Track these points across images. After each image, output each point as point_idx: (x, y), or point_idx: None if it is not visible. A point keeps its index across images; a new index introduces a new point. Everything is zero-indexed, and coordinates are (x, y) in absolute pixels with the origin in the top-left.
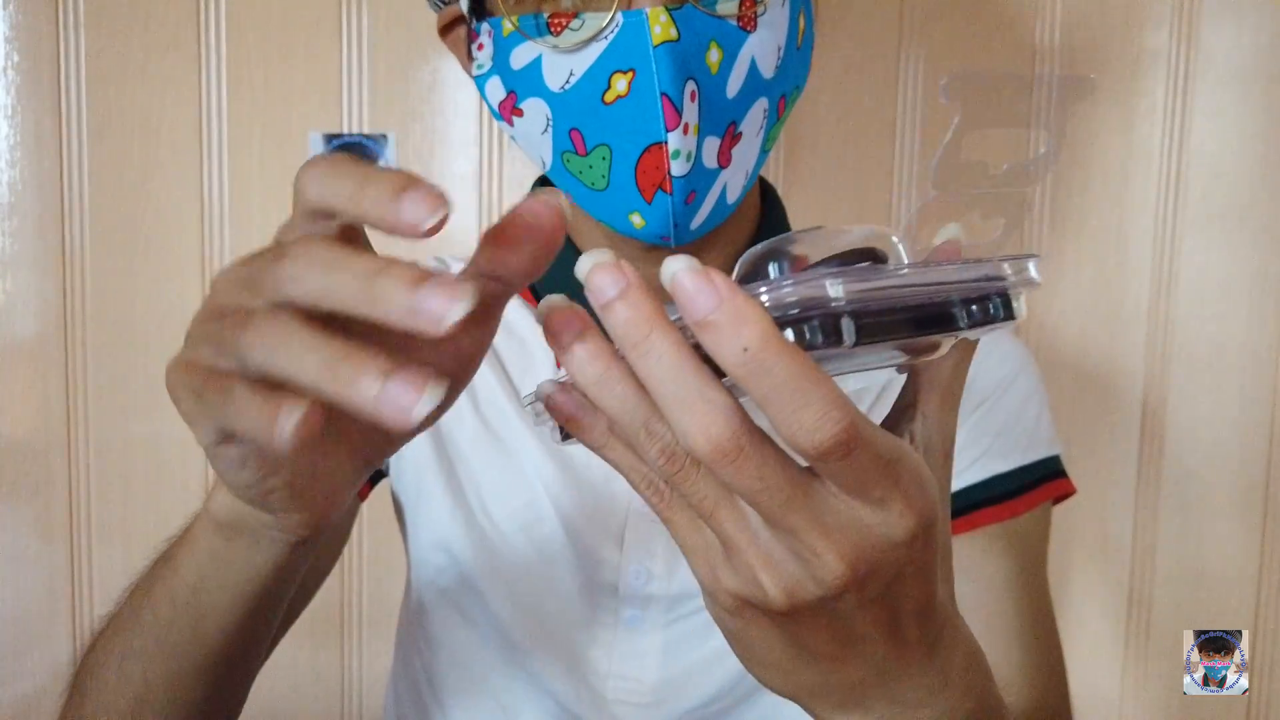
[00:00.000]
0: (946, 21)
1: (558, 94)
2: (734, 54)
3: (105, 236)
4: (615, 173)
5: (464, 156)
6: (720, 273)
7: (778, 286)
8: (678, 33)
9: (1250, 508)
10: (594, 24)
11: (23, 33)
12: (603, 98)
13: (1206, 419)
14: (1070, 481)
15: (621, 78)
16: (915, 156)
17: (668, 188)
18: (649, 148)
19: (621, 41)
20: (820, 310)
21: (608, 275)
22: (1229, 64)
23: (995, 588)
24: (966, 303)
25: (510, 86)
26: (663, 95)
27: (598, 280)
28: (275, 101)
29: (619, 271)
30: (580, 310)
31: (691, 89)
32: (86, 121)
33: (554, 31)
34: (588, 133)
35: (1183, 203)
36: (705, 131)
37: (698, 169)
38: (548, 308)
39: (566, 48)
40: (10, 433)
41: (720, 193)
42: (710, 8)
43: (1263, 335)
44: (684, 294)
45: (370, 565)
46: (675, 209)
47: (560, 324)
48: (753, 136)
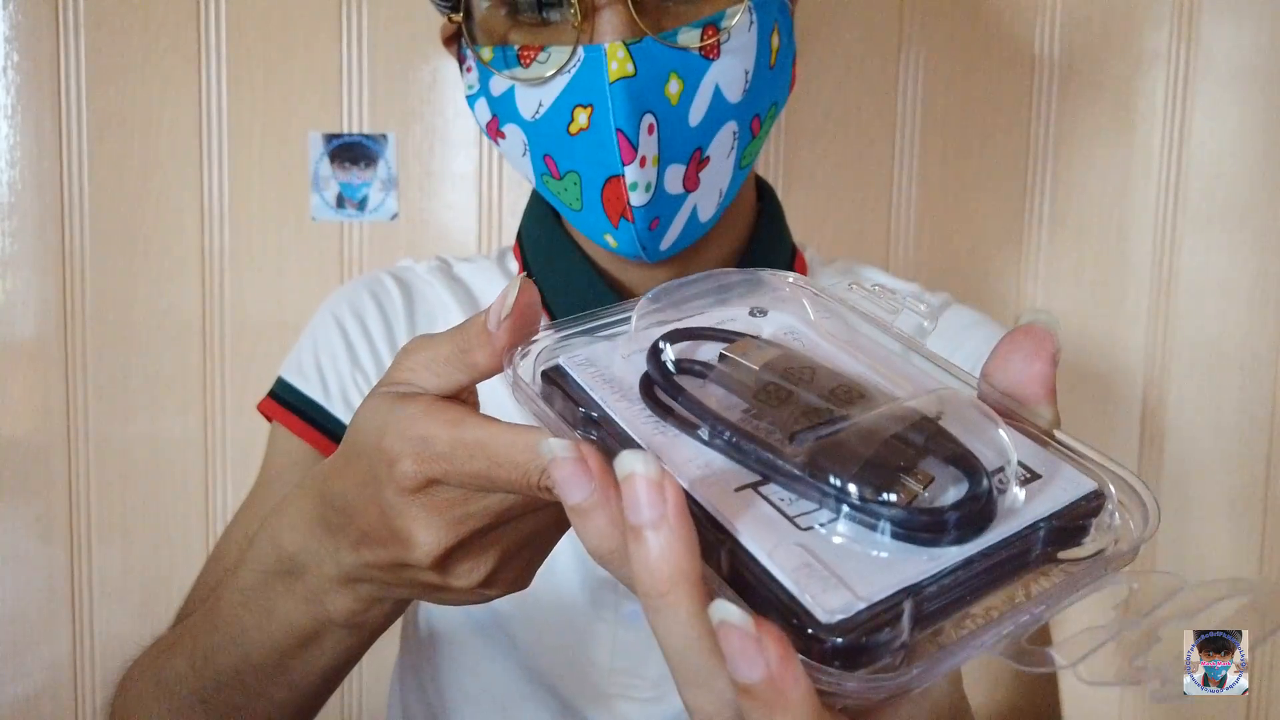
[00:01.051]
0: (946, 21)
1: (530, 122)
2: (695, 84)
3: (105, 236)
4: (586, 197)
5: (464, 156)
6: (777, 639)
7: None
8: (634, 68)
9: (1250, 508)
10: (559, 58)
11: (23, 33)
12: (568, 129)
13: (1206, 419)
14: None
15: (582, 111)
16: (915, 156)
17: (629, 216)
18: (610, 178)
19: (581, 77)
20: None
21: (647, 492)
22: (1229, 64)
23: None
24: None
25: (493, 111)
26: (618, 131)
27: (636, 493)
28: (275, 101)
29: (658, 493)
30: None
31: (649, 122)
32: (86, 121)
33: (523, 64)
34: (559, 160)
35: (1183, 203)
36: (667, 160)
37: (659, 197)
38: (549, 452)
39: (533, 80)
40: (10, 433)
41: (690, 214)
42: (670, 40)
43: (1263, 335)
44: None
45: None
46: (639, 235)
47: (568, 480)
48: (722, 159)
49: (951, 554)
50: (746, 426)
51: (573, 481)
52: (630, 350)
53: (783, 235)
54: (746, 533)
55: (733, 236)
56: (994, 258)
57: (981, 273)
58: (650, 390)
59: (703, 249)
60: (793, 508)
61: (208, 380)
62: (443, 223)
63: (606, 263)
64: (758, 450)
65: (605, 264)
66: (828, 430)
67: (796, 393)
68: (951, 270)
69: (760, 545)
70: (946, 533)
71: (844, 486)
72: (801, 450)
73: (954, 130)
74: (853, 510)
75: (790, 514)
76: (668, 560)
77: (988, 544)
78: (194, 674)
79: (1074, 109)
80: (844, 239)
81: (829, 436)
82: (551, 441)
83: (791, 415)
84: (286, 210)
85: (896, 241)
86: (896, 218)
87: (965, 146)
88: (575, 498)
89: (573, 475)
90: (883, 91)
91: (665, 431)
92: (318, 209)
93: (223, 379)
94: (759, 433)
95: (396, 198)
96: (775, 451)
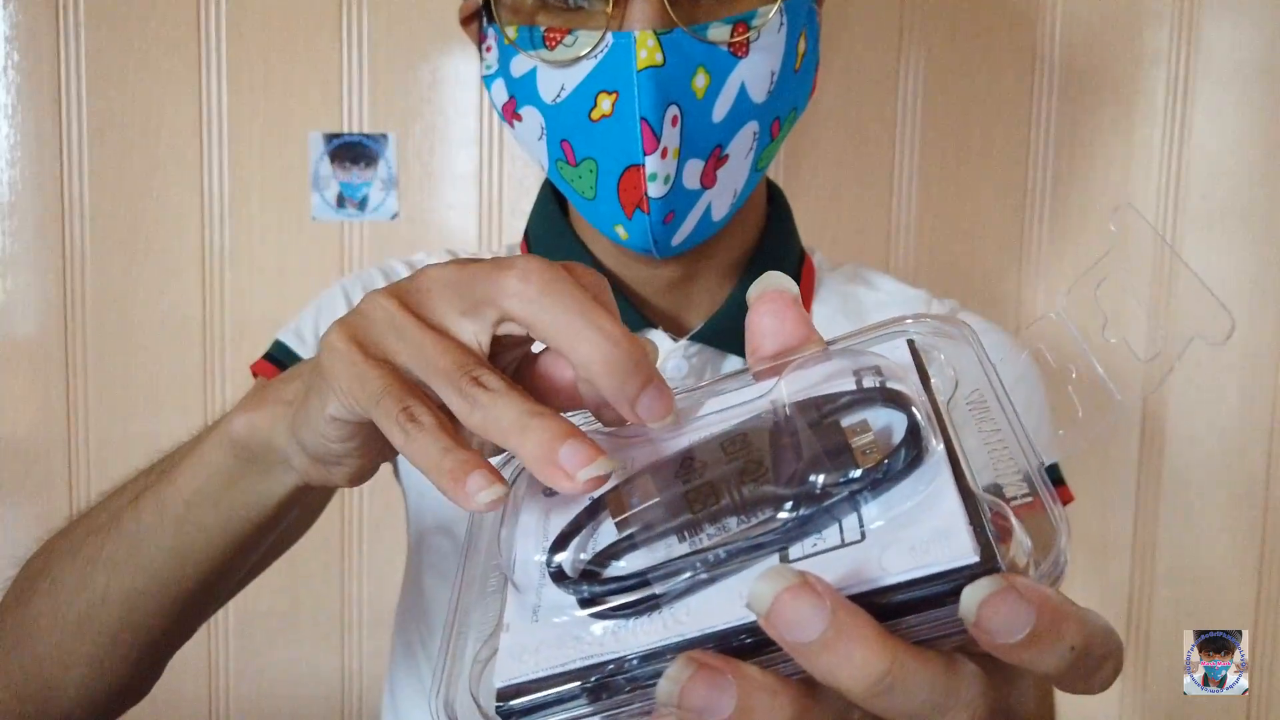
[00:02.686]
0: (946, 21)
1: (550, 105)
2: (722, 79)
3: (105, 236)
4: (601, 186)
5: (464, 156)
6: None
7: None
8: (663, 58)
9: (1250, 508)
10: (586, 42)
11: (23, 33)
12: (589, 115)
13: (1206, 419)
14: (1068, 489)
15: (606, 98)
16: (915, 156)
17: (645, 208)
18: (629, 168)
19: (609, 62)
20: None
21: (798, 604)
22: (1229, 64)
23: None
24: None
25: (511, 92)
26: (642, 120)
27: (793, 611)
28: (275, 101)
29: (817, 596)
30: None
31: (674, 113)
32: (86, 121)
33: (549, 46)
34: (576, 146)
35: (1183, 203)
36: (687, 154)
37: (677, 190)
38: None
39: (558, 62)
40: (10, 433)
41: (704, 212)
42: (700, 34)
43: (1263, 335)
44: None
45: (370, 566)
46: (653, 227)
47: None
48: (741, 158)
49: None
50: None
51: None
52: (535, 605)
53: (791, 239)
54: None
55: (742, 238)
56: (994, 258)
57: (981, 273)
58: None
59: (711, 249)
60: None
61: (208, 380)
62: (443, 223)
63: (613, 261)
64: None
65: (611, 263)
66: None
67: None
68: (951, 270)
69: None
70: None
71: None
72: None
73: (954, 130)
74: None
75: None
76: (868, 643)
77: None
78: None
79: (1074, 109)
80: (844, 239)
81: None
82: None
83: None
84: (287, 210)
85: (896, 241)
86: (896, 218)
87: (965, 146)
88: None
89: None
90: (883, 91)
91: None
92: (318, 209)
93: (223, 379)
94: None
95: (397, 198)
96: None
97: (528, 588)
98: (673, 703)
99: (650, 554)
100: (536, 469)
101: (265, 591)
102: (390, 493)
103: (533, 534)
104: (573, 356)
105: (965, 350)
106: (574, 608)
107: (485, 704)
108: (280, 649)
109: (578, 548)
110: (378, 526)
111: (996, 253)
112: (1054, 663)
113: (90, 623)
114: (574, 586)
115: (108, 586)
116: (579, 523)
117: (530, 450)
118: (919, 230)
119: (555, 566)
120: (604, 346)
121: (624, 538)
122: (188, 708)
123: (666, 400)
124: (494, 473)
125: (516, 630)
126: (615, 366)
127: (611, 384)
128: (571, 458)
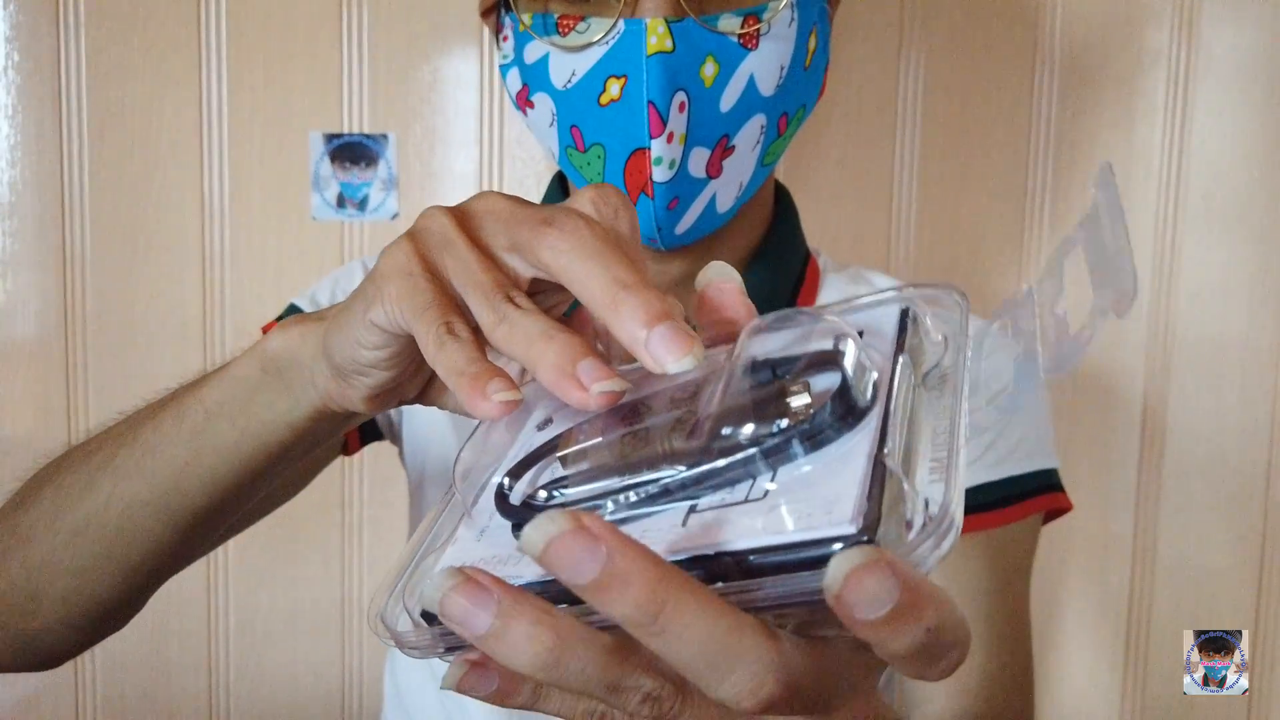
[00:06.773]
0: (946, 21)
1: (561, 91)
2: (731, 70)
3: (105, 236)
4: (608, 172)
5: (464, 156)
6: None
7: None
8: (673, 44)
9: (1250, 508)
10: (599, 28)
11: (23, 33)
12: (599, 100)
13: (1206, 419)
14: (1066, 496)
15: (615, 82)
16: (915, 156)
17: (649, 192)
18: (635, 151)
19: (620, 48)
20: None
21: (579, 549)
22: (1229, 64)
23: (969, 594)
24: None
25: (524, 79)
26: (649, 103)
27: (563, 556)
28: (275, 101)
29: (592, 539)
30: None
31: (681, 99)
32: (86, 121)
33: (561, 32)
34: (585, 131)
35: (1183, 203)
36: (693, 142)
37: (682, 176)
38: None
39: (570, 48)
40: (10, 433)
41: (709, 202)
42: (711, 24)
43: (1263, 335)
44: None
45: (370, 565)
46: (657, 213)
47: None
48: (748, 151)
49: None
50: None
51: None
52: (478, 531)
53: (796, 239)
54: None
55: (747, 236)
56: (994, 258)
57: (982, 273)
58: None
59: (716, 244)
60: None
61: None
62: None
63: None
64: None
65: None
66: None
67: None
68: (951, 270)
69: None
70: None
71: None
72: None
73: (954, 130)
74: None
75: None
76: (645, 577)
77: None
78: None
79: (1074, 109)
80: (844, 239)
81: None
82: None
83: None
84: (287, 210)
85: (896, 241)
86: (896, 218)
87: (965, 146)
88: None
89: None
90: (883, 91)
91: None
92: (318, 209)
93: None
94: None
95: (397, 198)
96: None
97: (481, 511)
98: (433, 608)
99: (579, 492)
100: (553, 379)
101: (265, 591)
102: (390, 492)
103: (500, 464)
104: (591, 303)
105: (952, 321)
106: (510, 532)
107: (412, 609)
108: (280, 649)
109: (530, 480)
110: (378, 526)
111: (996, 253)
112: (906, 644)
113: (86, 530)
114: (513, 512)
115: (111, 493)
116: (538, 454)
117: (551, 359)
118: (919, 230)
119: (502, 492)
120: (617, 292)
121: (563, 475)
122: (188, 708)
123: (682, 341)
124: (513, 384)
125: (461, 544)
126: (627, 306)
127: (620, 322)
128: (589, 371)
